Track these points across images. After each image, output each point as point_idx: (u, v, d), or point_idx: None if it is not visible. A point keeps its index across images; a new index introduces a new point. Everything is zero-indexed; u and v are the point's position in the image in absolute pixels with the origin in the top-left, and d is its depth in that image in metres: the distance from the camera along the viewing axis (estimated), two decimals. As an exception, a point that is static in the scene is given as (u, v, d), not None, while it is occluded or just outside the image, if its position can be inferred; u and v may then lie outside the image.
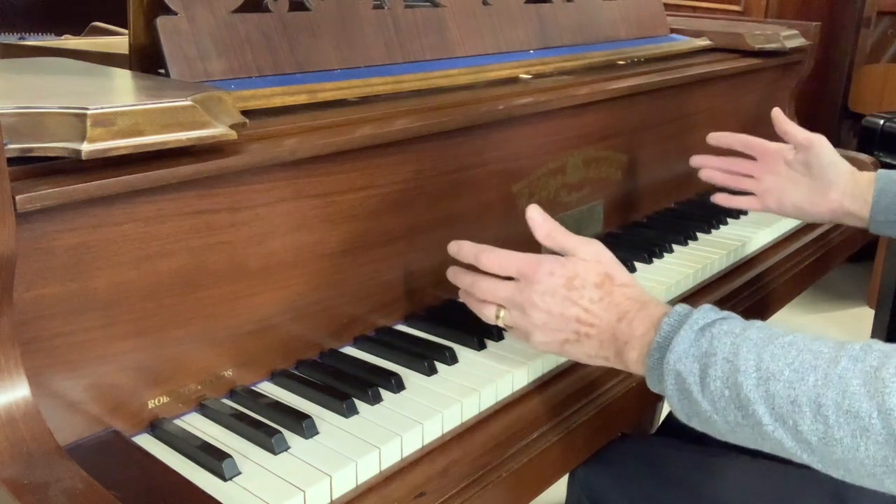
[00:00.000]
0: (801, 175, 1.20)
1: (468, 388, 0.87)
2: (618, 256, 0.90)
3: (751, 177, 1.25)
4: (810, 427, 0.66)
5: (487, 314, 0.88)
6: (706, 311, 0.77)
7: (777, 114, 1.23)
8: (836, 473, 0.68)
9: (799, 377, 0.68)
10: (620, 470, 1.02)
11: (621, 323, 0.81)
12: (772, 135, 1.25)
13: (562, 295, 0.83)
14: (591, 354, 0.83)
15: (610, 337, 0.81)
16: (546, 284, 0.83)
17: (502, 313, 0.87)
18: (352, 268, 0.93)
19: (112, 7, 1.10)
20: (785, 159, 1.22)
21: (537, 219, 0.89)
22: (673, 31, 1.65)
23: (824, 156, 1.18)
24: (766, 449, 0.72)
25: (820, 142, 1.19)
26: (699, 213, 1.46)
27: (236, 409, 0.81)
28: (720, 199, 1.30)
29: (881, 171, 1.15)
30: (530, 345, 0.86)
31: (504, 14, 1.25)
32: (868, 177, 1.15)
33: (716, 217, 1.42)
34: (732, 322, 0.76)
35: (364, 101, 0.99)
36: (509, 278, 0.87)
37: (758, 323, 0.75)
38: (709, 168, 1.30)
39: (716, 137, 1.29)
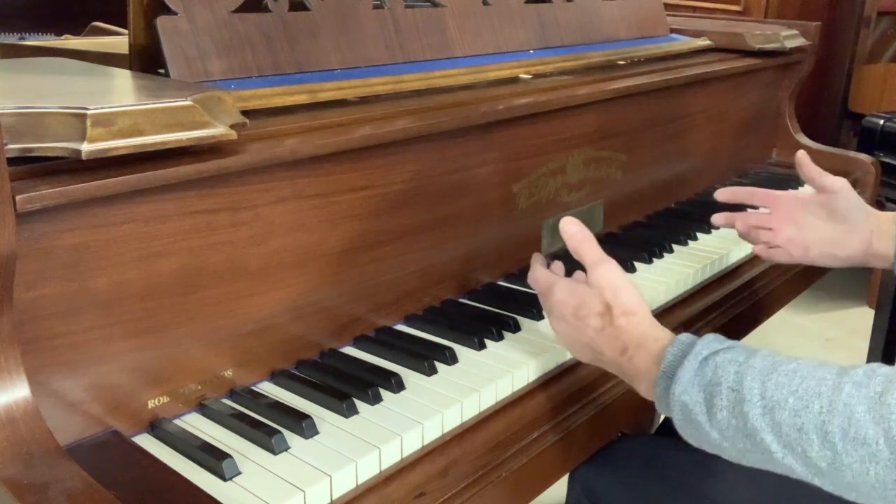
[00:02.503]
0: (823, 220, 1.13)
1: (468, 388, 0.87)
2: (618, 256, 0.90)
3: (769, 229, 1.17)
4: (819, 454, 0.67)
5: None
6: (710, 342, 0.78)
7: (802, 158, 1.15)
8: (850, 496, 0.69)
9: (804, 405, 0.68)
10: (620, 470, 1.02)
11: (623, 357, 0.84)
12: (771, 135, 1.24)
13: (571, 323, 0.88)
14: (608, 361, 0.87)
15: (618, 368, 0.86)
16: (557, 311, 0.90)
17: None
18: (352, 268, 0.93)
19: (112, 7, 1.10)
20: (802, 205, 1.15)
21: (570, 230, 0.91)
22: (673, 31, 1.65)
23: (849, 199, 1.12)
24: (779, 472, 0.73)
25: (844, 186, 1.13)
26: (699, 213, 1.46)
27: (236, 409, 0.81)
28: (759, 251, 1.20)
29: None
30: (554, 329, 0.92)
31: (504, 14, 1.25)
32: (889, 217, 1.11)
33: (716, 217, 1.42)
34: (736, 351, 0.76)
35: (364, 101, 0.99)
36: None
37: (763, 351, 0.76)
38: (728, 225, 1.23)
39: (723, 194, 1.23)
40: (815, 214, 1.13)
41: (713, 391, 0.73)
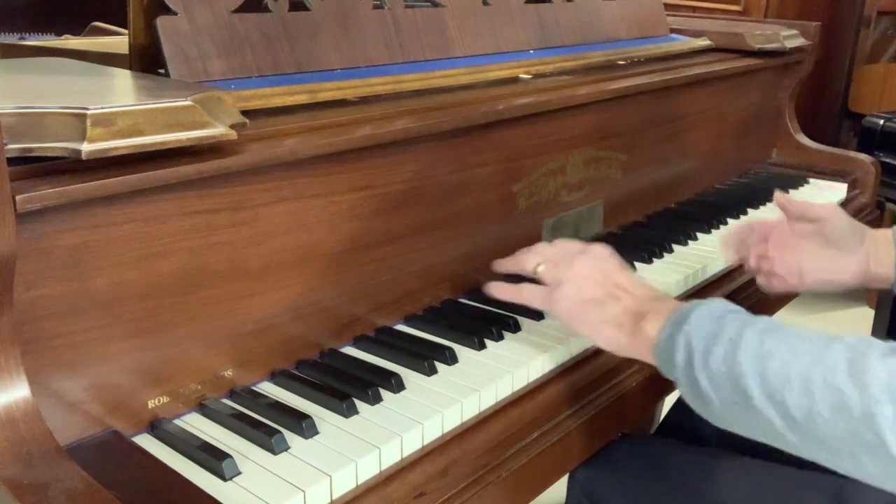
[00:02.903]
0: (818, 247, 1.11)
1: (468, 388, 0.87)
2: (618, 256, 0.91)
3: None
4: (797, 402, 0.69)
5: (528, 265, 0.95)
6: (725, 303, 0.82)
7: (781, 199, 1.14)
8: (821, 458, 0.70)
9: (794, 357, 0.71)
10: (620, 470, 1.02)
11: (655, 301, 0.87)
12: (771, 135, 1.24)
13: (614, 265, 0.92)
14: (608, 318, 0.87)
15: (637, 305, 0.86)
16: (602, 254, 0.94)
17: (541, 267, 0.93)
18: (352, 268, 0.93)
19: (112, 7, 1.10)
20: (796, 233, 1.13)
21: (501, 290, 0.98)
22: (673, 31, 1.65)
23: (841, 223, 1.10)
24: (758, 433, 0.74)
25: (834, 212, 1.11)
26: (699, 213, 1.46)
27: (236, 409, 0.81)
28: (759, 282, 1.18)
29: None
30: (551, 299, 0.91)
31: (504, 14, 1.25)
32: (885, 236, 1.09)
33: (716, 217, 1.42)
34: (746, 314, 0.80)
35: (364, 101, 0.99)
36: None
37: (770, 318, 0.78)
38: (738, 262, 1.22)
39: (725, 240, 1.21)
40: (811, 241, 1.11)
41: (714, 341, 0.76)
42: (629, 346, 0.86)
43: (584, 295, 0.89)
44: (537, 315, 1.02)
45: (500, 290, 0.97)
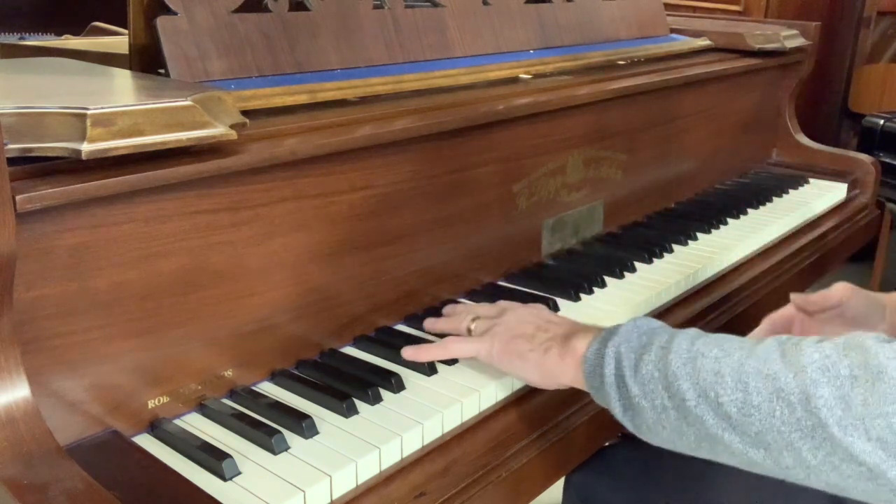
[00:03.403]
0: (843, 328, 1.07)
1: (468, 387, 0.87)
2: (618, 256, 0.90)
3: None
4: (731, 397, 0.68)
5: (461, 325, 0.94)
6: (651, 319, 0.82)
7: (797, 300, 1.11)
8: (757, 456, 0.69)
9: (725, 353, 0.71)
10: (615, 474, 1.02)
11: (584, 327, 0.87)
12: (771, 135, 1.24)
13: (545, 309, 0.94)
14: (535, 345, 0.86)
15: (566, 331, 0.86)
16: (533, 305, 0.94)
17: (474, 324, 0.93)
18: (352, 268, 0.93)
19: (112, 7, 1.10)
20: (818, 320, 1.10)
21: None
22: (673, 31, 1.65)
23: (860, 301, 1.08)
24: (689, 441, 0.73)
25: (851, 292, 1.08)
26: (699, 213, 1.46)
27: (236, 409, 0.81)
28: None
29: None
30: (481, 343, 0.89)
31: (504, 14, 1.25)
32: None
33: (716, 217, 1.42)
34: (674, 329, 0.80)
35: (364, 101, 0.99)
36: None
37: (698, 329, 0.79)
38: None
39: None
40: (833, 323, 1.09)
41: (644, 351, 0.76)
42: (556, 369, 0.84)
43: (514, 332, 0.88)
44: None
45: (425, 353, 0.92)
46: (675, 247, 1.29)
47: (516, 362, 0.87)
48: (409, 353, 0.91)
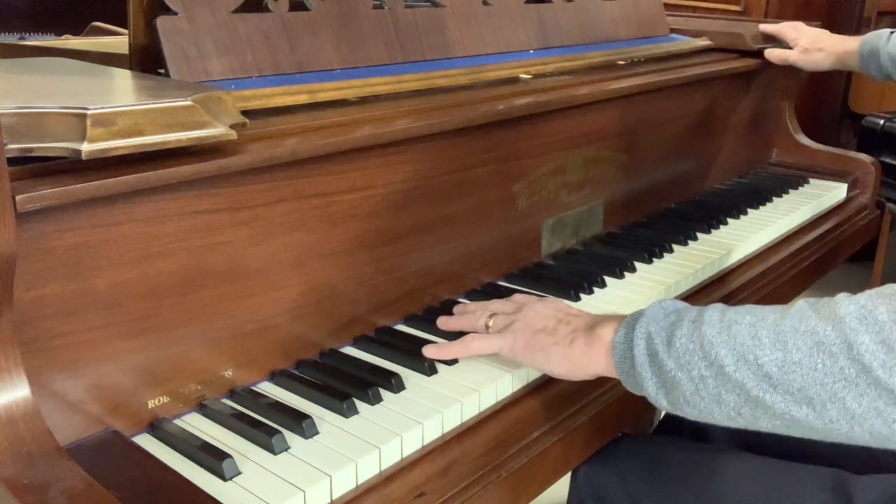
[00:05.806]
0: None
1: (468, 387, 0.87)
2: (618, 256, 0.90)
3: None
4: (770, 357, 0.69)
5: (478, 322, 0.94)
6: (675, 301, 0.83)
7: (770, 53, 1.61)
8: (800, 413, 0.69)
9: (758, 318, 0.72)
10: (622, 468, 1.02)
11: (606, 316, 0.88)
12: (771, 135, 1.25)
13: (562, 302, 0.95)
14: (559, 339, 0.87)
15: (589, 321, 0.88)
16: (549, 298, 0.96)
17: (492, 321, 0.93)
18: (352, 268, 0.93)
19: (112, 7, 1.10)
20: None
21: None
22: (673, 31, 1.65)
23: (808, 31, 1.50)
24: (728, 410, 0.73)
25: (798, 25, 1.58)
26: (699, 213, 1.46)
27: (236, 409, 0.81)
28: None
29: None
30: (503, 339, 0.90)
31: (504, 14, 1.25)
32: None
33: (716, 217, 1.42)
34: (696, 307, 0.81)
35: (364, 101, 0.99)
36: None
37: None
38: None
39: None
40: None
41: (675, 328, 0.77)
42: (583, 359, 0.84)
43: (535, 326, 0.89)
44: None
45: (447, 351, 0.92)
46: (675, 247, 1.29)
47: (540, 356, 0.87)
48: (431, 352, 0.91)
